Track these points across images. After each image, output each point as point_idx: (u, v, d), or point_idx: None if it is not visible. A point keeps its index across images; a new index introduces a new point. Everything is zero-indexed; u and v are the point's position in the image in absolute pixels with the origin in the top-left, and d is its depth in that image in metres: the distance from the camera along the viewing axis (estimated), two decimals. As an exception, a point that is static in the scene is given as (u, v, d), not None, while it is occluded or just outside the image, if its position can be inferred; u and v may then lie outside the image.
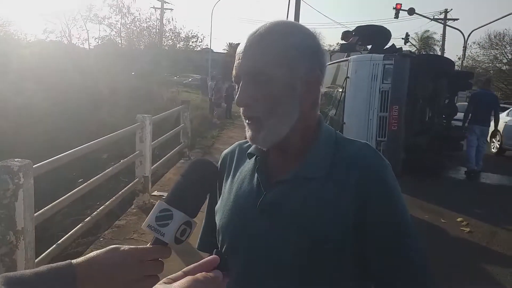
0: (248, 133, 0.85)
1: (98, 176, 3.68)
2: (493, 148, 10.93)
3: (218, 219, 0.94)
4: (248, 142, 0.97)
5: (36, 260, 2.67)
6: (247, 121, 0.85)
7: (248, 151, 0.94)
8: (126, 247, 0.68)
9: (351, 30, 8.79)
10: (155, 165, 5.40)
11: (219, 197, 0.97)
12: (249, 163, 0.93)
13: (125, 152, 6.75)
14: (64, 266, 0.63)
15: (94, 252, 0.68)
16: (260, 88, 0.80)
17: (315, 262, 0.79)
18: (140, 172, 4.84)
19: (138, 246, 0.69)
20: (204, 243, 1.06)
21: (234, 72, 0.84)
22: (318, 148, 0.85)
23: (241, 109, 0.84)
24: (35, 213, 2.60)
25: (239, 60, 0.82)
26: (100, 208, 3.79)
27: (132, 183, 4.71)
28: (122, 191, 4.36)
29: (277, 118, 0.81)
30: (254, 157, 0.91)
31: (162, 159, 6.12)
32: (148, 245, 0.72)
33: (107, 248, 0.69)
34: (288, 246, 0.80)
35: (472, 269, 3.82)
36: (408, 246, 0.78)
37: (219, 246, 0.93)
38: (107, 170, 3.91)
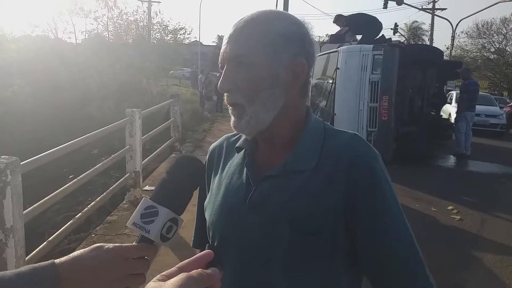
0: (231, 119, 0.84)
1: (88, 172, 3.64)
2: None
3: (207, 215, 0.92)
4: (236, 135, 0.96)
5: (26, 258, 2.64)
6: (230, 107, 0.84)
7: (236, 145, 0.92)
8: (110, 245, 0.67)
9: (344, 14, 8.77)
10: (145, 159, 5.36)
11: (208, 192, 0.96)
12: (237, 157, 0.92)
13: (116, 147, 6.70)
14: (47, 266, 0.62)
15: (78, 251, 0.66)
16: (242, 74, 0.80)
17: (306, 255, 0.78)
18: (130, 167, 4.80)
19: (123, 244, 0.67)
20: (198, 240, 1.05)
21: (219, 59, 0.83)
22: (306, 140, 0.84)
23: (225, 95, 0.83)
24: (24, 210, 2.56)
25: (224, 47, 0.82)
26: (90, 204, 3.75)
27: (123, 178, 4.67)
28: (113, 186, 4.32)
29: (259, 105, 0.80)
30: (243, 151, 0.90)
31: (153, 154, 6.08)
32: (133, 243, 0.70)
33: (91, 246, 0.67)
34: (279, 240, 0.79)
35: (463, 257, 3.87)
36: (399, 234, 0.77)
37: (210, 242, 0.92)
38: (96, 166, 3.86)
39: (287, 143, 0.85)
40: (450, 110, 11.83)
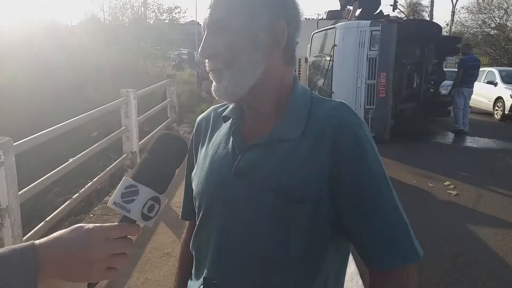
0: (212, 85, 0.84)
1: (84, 152, 3.64)
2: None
3: (194, 185, 0.93)
4: (224, 106, 0.95)
5: (24, 238, 2.66)
6: (210, 73, 0.83)
7: (223, 114, 0.91)
8: (90, 225, 0.66)
9: None
10: (142, 140, 5.36)
11: (195, 164, 0.96)
12: (224, 127, 0.91)
13: (115, 129, 6.69)
14: (26, 248, 0.61)
15: (58, 232, 0.65)
16: (221, 39, 0.79)
17: (291, 222, 0.78)
18: (127, 148, 4.80)
19: (104, 224, 0.67)
20: (186, 212, 1.06)
21: (202, 26, 0.83)
22: (292, 108, 0.83)
23: (206, 62, 0.82)
24: (19, 191, 2.57)
25: (205, 13, 0.81)
26: (87, 185, 3.76)
27: (119, 158, 4.68)
28: (109, 167, 4.33)
29: (237, 68, 0.79)
30: (230, 120, 0.89)
31: (150, 134, 6.07)
32: (115, 223, 0.70)
33: (71, 227, 0.66)
34: (264, 208, 0.79)
35: (458, 230, 3.91)
36: (384, 202, 0.77)
37: (196, 211, 0.92)
38: (92, 147, 3.86)
39: (273, 111, 0.84)
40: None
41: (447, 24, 25.87)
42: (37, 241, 0.63)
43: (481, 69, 9.70)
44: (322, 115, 0.81)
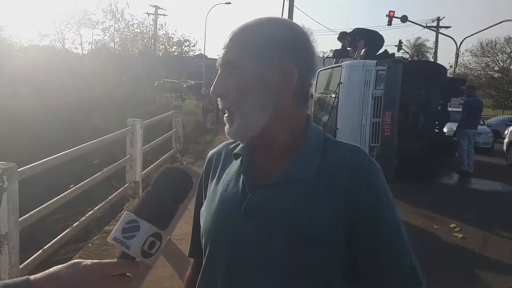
0: (226, 126, 0.84)
1: (86, 181, 3.62)
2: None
3: (202, 222, 0.91)
4: (236, 142, 0.94)
5: (21, 266, 2.61)
6: (225, 113, 0.84)
7: (234, 152, 0.91)
8: (88, 261, 0.64)
9: (347, 31, 8.75)
10: (146, 170, 5.35)
11: (204, 200, 0.94)
12: (235, 164, 0.90)
13: (118, 158, 6.69)
14: (20, 283, 0.59)
15: (54, 267, 0.63)
16: (232, 78, 0.80)
17: (300, 265, 0.76)
18: (130, 177, 4.78)
19: (102, 261, 0.64)
20: (194, 249, 1.02)
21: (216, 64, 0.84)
22: (306, 148, 0.82)
23: (218, 101, 0.83)
24: (20, 217, 2.54)
25: (220, 53, 0.83)
26: (88, 213, 3.72)
27: (122, 188, 4.65)
28: (112, 196, 4.30)
29: (247, 109, 0.80)
30: (241, 157, 0.88)
31: (153, 164, 6.06)
32: (114, 260, 0.67)
33: (68, 263, 0.64)
34: (273, 249, 0.76)
35: (465, 276, 3.80)
36: (397, 251, 0.76)
37: (203, 249, 0.90)
38: (96, 175, 3.84)
39: (286, 151, 0.83)
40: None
41: (451, 66, 26.22)
42: (32, 277, 0.60)
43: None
44: (337, 157, 0.80)
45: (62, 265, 0.63)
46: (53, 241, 3.10)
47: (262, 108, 0.80)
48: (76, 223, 3.50)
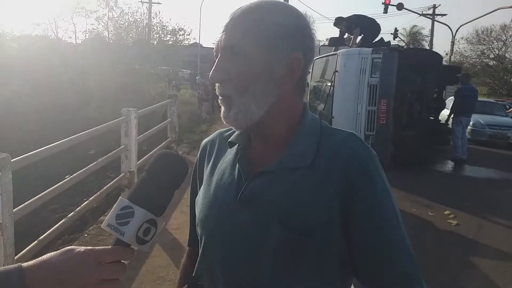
0: (221, 110, 0.82)
1: (82, 171, 3.61)
2: None
3: (197, 211, 0.90)
4: (230, 130, 0.93)
5: (16, 257, 2.60)
6: (220, 98, 0.81)
7: (229, 140, 0.89)
8: (82, 248, 0.62)
9: (344, 16, 8.68)
10: (141, 160, 5.33)
11: (199, 189, 0.93)
12: (230, 153, 0.89)
13: (113, 148, 6.68)
14: (13, 270, 0.58)
15: (47, 254, 0.62)
16: (235, 65, 0.77)
17: (296, 253, 0.75)
18: (125, 167, 4.76)
19: (96, 247, 0.63)
20: (193, 239, 1.01)
21: (214, 48, 0.81)
22: (302, 137, 0.81)
23: (216, 86, 0.81)
24: (14, 208, 2.53)
25: (219, 36, 0.79)
26: (83, 204, 3.72)
27: (117, 178, 4.64)
28: (107, 186, 4.29)
29: (249, 97, 0.78)
30: (236, 146, 0.87)
31: (148, 154, 6.05)
32: (108, 246, 0.66)
33: (62, 249, 0.63)
34: (270, 239, 0.76)
35: (460, 262, 3.84)
36: (393, 237, 0.75)
37: (199, 238, 0.90)
38: (90, 165, 3.83)
39: (282, 139, 0.82)
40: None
41: (446, 54, 26.21)
42: (24, 264, 0.60)
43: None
44: (333, 145, 0.80)
45: (55, 252, 0.62)
46: (48, 231, 3.09)
47: (265, 97, 0.78)
48: (72, 213, 3.50)
